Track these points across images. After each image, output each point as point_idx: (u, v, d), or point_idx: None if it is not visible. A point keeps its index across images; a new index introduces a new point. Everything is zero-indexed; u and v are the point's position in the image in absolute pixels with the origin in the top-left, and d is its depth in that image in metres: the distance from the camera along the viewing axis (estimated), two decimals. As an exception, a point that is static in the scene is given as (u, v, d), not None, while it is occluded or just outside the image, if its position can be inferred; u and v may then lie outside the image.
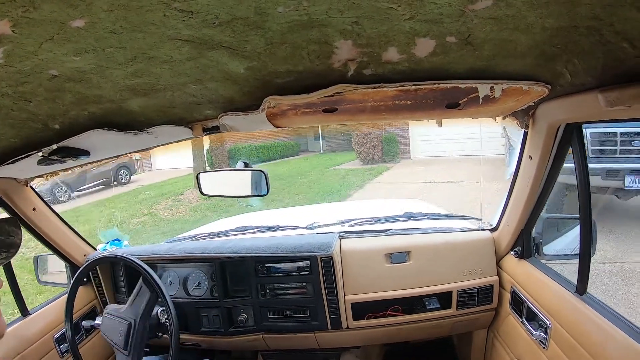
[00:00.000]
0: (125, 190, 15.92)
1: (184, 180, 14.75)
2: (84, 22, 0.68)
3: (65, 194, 14.78)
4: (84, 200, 14.28)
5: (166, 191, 14.04)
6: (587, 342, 1.49)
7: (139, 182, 17.31)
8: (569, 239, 1.99)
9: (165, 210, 11.90)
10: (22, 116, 1.13)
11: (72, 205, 13.73)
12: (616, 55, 0.87)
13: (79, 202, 14.29)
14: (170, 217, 11.20)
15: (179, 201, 12.58)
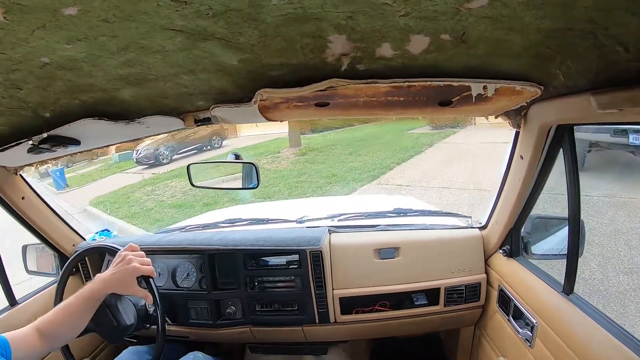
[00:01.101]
0: (220, 153, 18.57)
1: (274, 143, 17.00)
2: (76, 10, 0.68)
3: (167, 157, 18.16)
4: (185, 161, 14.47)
5: (263, 151, 16.28)
6: (573, 341, 1.51)
7: (229, 146, 19.62)
8: (558, 239, 2.00)
9: (269, 164, 14.06)
10: (12, 104, 1.12)
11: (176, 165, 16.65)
12: (610, 58, 0.88)
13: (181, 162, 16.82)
14: (276, 169, 13.50)
15: (278, 157, 14.87)
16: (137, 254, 1.72)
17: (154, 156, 18.23)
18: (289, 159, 14.56)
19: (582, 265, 4.47)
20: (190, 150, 19.29)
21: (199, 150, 19.45)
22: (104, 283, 1.61)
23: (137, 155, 18.95)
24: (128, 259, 1.66)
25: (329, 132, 19.07)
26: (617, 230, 5.66)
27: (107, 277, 1.62)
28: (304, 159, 14.00)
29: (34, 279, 2.59)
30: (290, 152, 15.25)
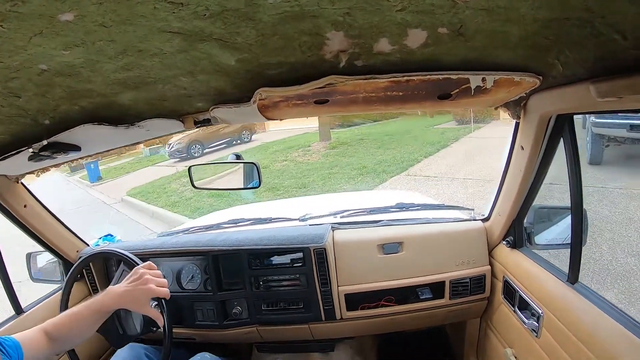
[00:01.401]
0: (250, 146, 19.98)
1: (303, 138, 18.01)
2: (73, 16, 0.68)
3: (198, 150, 19.54)
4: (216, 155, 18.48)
5: (293, 145, 17.14)
6: (579, 330, 1.51)
7: (258, 140, 21.20)
8: (561, 229, 2.00)
9: (300, 157, 14.98)
10: (12, 112, 1.12)
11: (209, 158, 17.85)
12: (608, 47, 0.88)
13: (212, 156, 18.51)
14: (307, 161, 14.23)
15: (309, 151, 15.58)
16: (154, 274, 1.70)
17: (186, 150, 19.60)
18: (320, 152, 15.20)
19: (592, 248, 4.85)
20: (221, 144, 20.55)
21: (228, 144, 20.92)
22: (116, 298, 1.61)
23: (169, 149, 20.29)
24: (145, 278, 1.65)
25: (357, 127, 19.79)
26: (629, 218, 5.91)
27: (121, 292, 1.62)
28: (334, 152, 14.66)
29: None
30: (321, 146, 15.87)
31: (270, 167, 14.00)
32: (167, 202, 11.97)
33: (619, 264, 4.79)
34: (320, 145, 15.96)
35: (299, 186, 11.36)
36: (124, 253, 2.08)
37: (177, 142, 19.59)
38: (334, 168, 12.68)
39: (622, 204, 6.41)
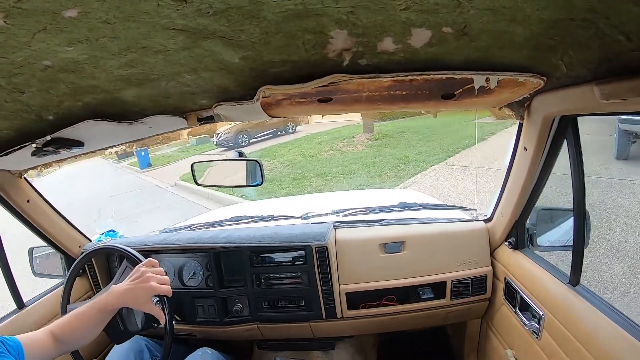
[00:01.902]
0: (295, 137, 21.14)
1: (347, 129, 18.80)
2: (76, 12, 0.68)
3: (245, 140, 21.24)
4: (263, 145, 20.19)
5: (337, 136, 18.06)
6: (580, 333, 1.51)
7: (302, 132, 22.43)
8: (563, 230, 2.00)
9: (345, 147, 15.78)
10: (16, 107, 1.12)
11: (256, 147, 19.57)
12: (612, 48, 0.87)
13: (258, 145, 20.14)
14: (352, 151, 15.05)
15: (353, 142, 16.31)
16: (155, 271, 1.71)
17: (233, 139, 21.14)
18: (364, 143, 15.88)
19: (607, 230, 5.25)
20: (266, 135, 22.31)
21: (273, 135, 22.56)
22: (118, 296, 1.61)
23: (217, 139, 22.03)
24: (147, 276, 1.65)
25: (398, 120, 20.35)
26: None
27: (123, 290, 1.62)
28: (377, 144, 15.33)
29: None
30: (364, 137, 16.59)
31: (317, 156, 15.25)
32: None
33: (629, 244, 5.22)
34: (364, 137, 16.70)
35: (345, 173, 12.15)
36: (126, 249, 2.09)
37: (225, 131, 21.23)
38: (377, 157, 13.33)
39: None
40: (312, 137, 19.58)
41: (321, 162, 14.32)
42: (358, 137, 16.78)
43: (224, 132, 21.35)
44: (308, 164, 14.39)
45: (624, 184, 7.30)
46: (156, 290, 1.65)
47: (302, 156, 15.76)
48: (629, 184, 7.31)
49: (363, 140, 16.21)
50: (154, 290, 1.64)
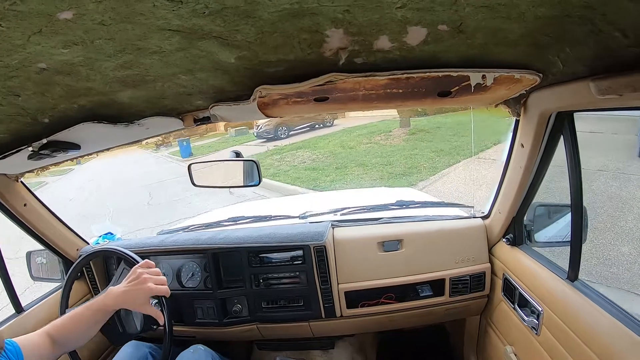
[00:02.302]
0: (333, 130, 21.95)
1: (384, 124, 19.24)
2: (72, 14, 0.67)
3: (285, 132, 22.15)
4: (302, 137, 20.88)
5: (375, 130, 18.57)
6: (578, 328, 1.51)
7: (340, 125, 23.16)
8: (561, 226, 2.00)
9: (382, 140, 16.34)
10: (11, 111, 1.12)
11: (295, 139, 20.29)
12: (608, 44, 0.88)
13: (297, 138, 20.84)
14: (389, 144, 15.53)
15: (390, 135, 16.85)
16: (152, 272, 1.71)
17: (273, 131, 22.12)
18: (401, 137, 16.31)
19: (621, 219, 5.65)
20: (304, 128, 23.14)
21: (311, 128, 23.28)
22: (115, 298, 1.62)
23: (257, 130, 23.01)
24: (143, 278, 1.65)
25: (434, 116, 20.84)
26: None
27: (120, 292, 1.63)
28: (414, 138, 15.72)
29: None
30: (401, 132, 16.99)
31: (356, 148, 15.97)
32: (266, 174, 13.32)
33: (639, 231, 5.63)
34: (401, 131, 17.11)
35: (384, 164, 12.70)
36: (124, 251, 2.08)
37: (265, 124, 21.95)
38: (414, 150, 13.78)
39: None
40: (350, 131, 20.22)
41: (361, 153, 14.97)
42: (395, 131, 17.26)
43: (264, 124, 22.21)
44: (348, 155, 15.06)
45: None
46: (153, 291, 1.65)
47: (343, 148, 16.47)
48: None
49: (400, 135, 16.69)
50: (151, 291, 1.65)
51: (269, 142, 21.02)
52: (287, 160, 15.65)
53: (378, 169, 12.30)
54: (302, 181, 12.14)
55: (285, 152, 17.29)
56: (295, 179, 12.55)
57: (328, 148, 16.77)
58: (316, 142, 18.63)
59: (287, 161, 15.45)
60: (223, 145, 25.05)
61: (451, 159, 12.14)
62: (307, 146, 18.00)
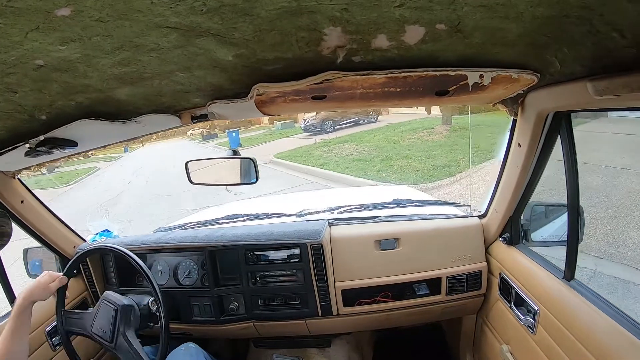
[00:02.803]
0: (377, 126, 22.48)
1: (427, 121, 19.55)
2: (69, 11, 0.67)
3: (331, 127, 23.04)
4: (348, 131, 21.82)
5: (418, 127, 18.91)
6: (575, 327, 1.52)
7: (384, 121, 23.55)
8: (557, 226, 2.01)
9: (425, 136, 16.93)
10: (8, 107, 1.11)
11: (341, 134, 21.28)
12: (606, 45, 0.88)
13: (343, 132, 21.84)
14: (432, 140, 16.10)
15: (432, 132, 17.30)
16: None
17: (319, 125, 23.16)
18: (442, 133, 16.80)
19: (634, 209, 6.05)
20: (349, 123, 23.92)
21: (356, 123, 23.91)
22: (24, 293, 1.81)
23: (304, 124, 24.15)
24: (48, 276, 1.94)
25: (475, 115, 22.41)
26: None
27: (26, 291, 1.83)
28: (454, 134, 16.25)
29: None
30: (443, 129, 17.39)
31: (400, 143, 16.62)
32: (316, 163, 14.99)
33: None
34: (443, 128, 17.54)
35: (427, 157, 13.33)
36: (121, 249, 2.08)
37: (312, 117, 23.12)
38: (454, 146, 14.35)
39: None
40: (395, 127, 20.72)
41: (404, 147, 15.62)
42: (437, 128, 17.68)
43: (311, 118, 23.19)
44: (393, 148, 15.74)
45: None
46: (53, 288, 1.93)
47: (387, 142, 17.16)
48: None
49: (441, 131, 17.15)
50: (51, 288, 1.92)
51: (316, 136, 22.03)
52: (335, 152, 16.71)
53: (421, 161, 12.97)
54: (351, 170, 13.11)
55: (333, 144, 18.25)
56: (344, 168, 13.55)
57: (373, 142, 17.65)
58: (362, 136, 19.48)
59: (336, 153, 16.54)
60: (270, 137, 26.67)
61: (487, 154, 12.42)
62: (353, 140, 18.85)
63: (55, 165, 1.93)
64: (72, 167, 29.03)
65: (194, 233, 2.53)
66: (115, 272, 2.52)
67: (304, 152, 17.96)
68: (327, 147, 18.02)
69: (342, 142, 18.40)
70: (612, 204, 6.55)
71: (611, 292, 4.45)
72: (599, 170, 8.91)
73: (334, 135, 21.37)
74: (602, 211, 6.32)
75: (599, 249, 5.20)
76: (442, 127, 17.71)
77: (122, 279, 2.51)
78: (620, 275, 4.72)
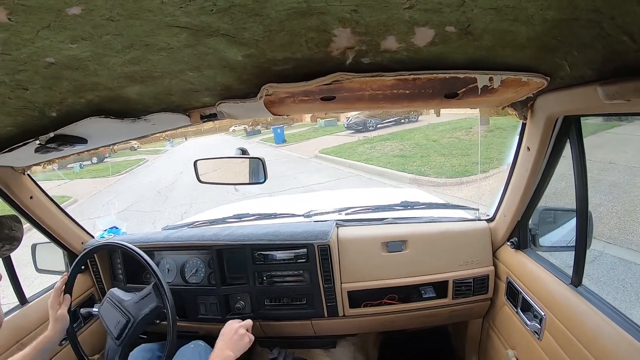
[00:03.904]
0: (417, 125, 23.97)
1: (465, 122, 20.21)
2: (80, 10, 0.68)
3: (373, 125, 24.51)
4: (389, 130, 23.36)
5: (457, 126, 19.81)
6: (581, 334, 1.51)
7: (424, 121, 25.10)
8: (565, 231, 2.00)
9: (463, 136, 17.78)
10: (19, 104, 1.12)
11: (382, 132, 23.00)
12: (616, 48, 0.87)
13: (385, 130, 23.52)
14: (469, 139, 16.94)
15: (470, 132, 18.17)
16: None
17: (362, 123, 24.64)
18: (480, 133, 17.86)
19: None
20: (391, 121, 25.52)
21: (397, 123, 25.54)
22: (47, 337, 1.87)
23: (347, 122, 25.81)
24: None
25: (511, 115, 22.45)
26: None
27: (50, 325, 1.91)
28: (491, 134, 16.68)
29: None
30: (480, 129, 18.10)
31: (439, 141, 17.56)
32: (360, 159, 16.02)
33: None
34: (480, 128, 18.19)
35: (463, 155, 14.13)
36: (129, 246, 2.09)
37: (355, 116, 24.50)
38: (490, 145, 14.72)
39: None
40: (434, 126, 21.98)
41: (443, 145, 16.50)
42: (474, 128, 18.49)
43: (354, 117, 24.66)
44: (432, 146, 16.70)
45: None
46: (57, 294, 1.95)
47: (427, 140, 18.21)
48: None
49: (479, 131, 18.01)
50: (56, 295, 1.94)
51: (359, 133, 23.67)
52: (378, 149, 17.87)
53: (457, 158, 13.72)
54: (392, 165, 14.04)
55: (375, 142, 19.43)
56: (386, 163, 14.45)
57: (414, 140, 18.77)
58: (403, 135, 20.73)
59: (378, 149, 17.67)
60: (314, 134, 28.80)
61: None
62: (394, 138, 20.12)
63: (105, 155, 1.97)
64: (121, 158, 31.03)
65: (202, 232, 2.54)
66: (123, 269, 2.54)
67: (348, 148, 19.20)
68: (369, 144, 19.28)
69: (384, 140, 19.54)
70: (630, 200, 6.94)
71: (612, 269, 4.93)
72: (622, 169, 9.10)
73: (376, 133, 22.88)
74: (619, 205, 6.65)
75: (610, 236, 5.62)
76: (479, 127, 18.36)
77: (130, 276, 2.53)
78: (625, 257, 5.16)
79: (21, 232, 1.11)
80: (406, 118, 25.57)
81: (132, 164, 27.84)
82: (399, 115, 25.40)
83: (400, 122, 25.37)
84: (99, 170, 25.34)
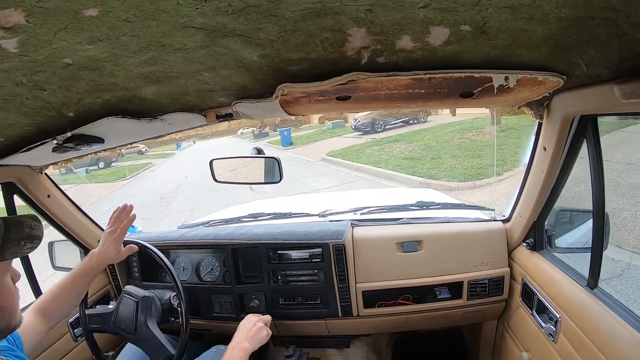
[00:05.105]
0: (426, 126, 23.28)
1: (476, 121, 19.56)
2: (97, 11, 0.69)
3: (381, 126, 24.25)
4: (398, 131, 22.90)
5: (467, 127, 19.33)
6: (597, 337, 1.49)
7: (433, 121, 24.28)
8: (582, 232, 1.97)
9: (474, 136, 17.43)
10: (37, 104, 1.14)
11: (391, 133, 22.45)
12: (632, 47, 0.86)
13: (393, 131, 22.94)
14: (481, 140, 16.58)
15: (481, 132, 17.79)
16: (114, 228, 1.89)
17: (370, 125, 24.15)
18: (491, 133, 17.33)
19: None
20: (399, 123, 25.09)
21: (406, 123, 25.04)
22: (97, 258, 1.83)
23: (355, 123, 25.22)
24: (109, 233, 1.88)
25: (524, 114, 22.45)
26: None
27: (97, 252, 1.84)
28: (502, 135, 16.53)
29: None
30: (492, 129, 17.85)
31: (449, 142, 17.31)
32: (368, 161, 15.73)
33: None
34: (491, 128, 18.03)
35: (475, 156, 13.86)
36: (145, 244, 2.11)
37: (363, 117, 23.90)
38: (502, 146, 14.53)
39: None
40: (444, 127, 21.44)
41: (453, 147, 16.25)
42: (486, 129, 18.15)
43: (362, 118, 24.07)
44: (442, 148, 16.32)
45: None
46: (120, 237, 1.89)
47: (437, 141, 17.83)
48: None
49: (490, 132, 17.64)
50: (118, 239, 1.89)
51: (367, 135, 23.11)
52: (386, 150, 17.52)
53: (469, 160, 13.43)
54: (401, 168, 13.76)
55: (384, 143, 19.10)
56: (395, 166, 14.19)
57: (423, 141, 18.38)
58: (412, 136, 20.31)
59: (387, 151, 17.30)
60: (321, 136, 28.35)
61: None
62: (403, 139, 19.71)
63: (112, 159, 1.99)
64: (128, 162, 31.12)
65: (217, 231, 2.56)
66: (139, 267, 2.56)
67: (356, 150, 18.78)
68: (378, 146, 18.90)
69: (393, 142, 19.19)
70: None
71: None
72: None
73: (384, 134, 22.35)
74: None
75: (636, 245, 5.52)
76: (491, 127, 18.11)
77: (145, 274, 2.55)
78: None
79: (41, 231, 1.13)
80: (415, 119, 25.23)
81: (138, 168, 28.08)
82: (407, 116, 25.07)
83: (409, 123, 25.02)
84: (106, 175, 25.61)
